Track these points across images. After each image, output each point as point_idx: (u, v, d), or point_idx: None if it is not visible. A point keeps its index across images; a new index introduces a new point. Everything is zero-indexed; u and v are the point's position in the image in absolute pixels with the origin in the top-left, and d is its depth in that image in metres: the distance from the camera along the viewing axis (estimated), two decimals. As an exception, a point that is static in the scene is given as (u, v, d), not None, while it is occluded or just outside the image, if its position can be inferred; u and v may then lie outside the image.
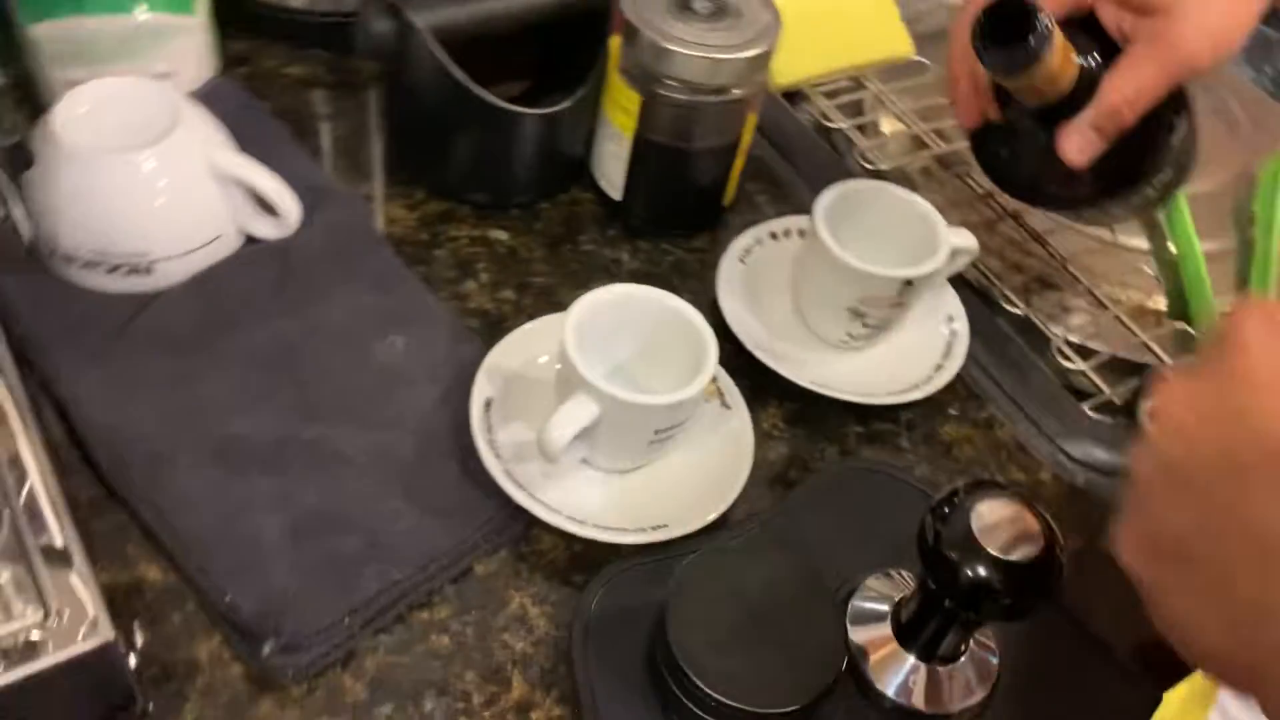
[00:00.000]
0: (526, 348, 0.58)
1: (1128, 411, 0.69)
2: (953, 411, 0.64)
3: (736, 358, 0.61)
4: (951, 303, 0.67)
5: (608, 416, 0.50)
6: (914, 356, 0.64)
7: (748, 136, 0.66)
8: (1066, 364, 0.70)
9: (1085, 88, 0.55)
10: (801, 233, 0.69)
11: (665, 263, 0.68)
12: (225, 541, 0.50)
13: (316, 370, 0.57)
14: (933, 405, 0.64)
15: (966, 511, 0.45)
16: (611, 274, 0.67)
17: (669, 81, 0.61)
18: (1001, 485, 0.47)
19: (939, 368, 0.63)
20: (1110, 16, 0.55)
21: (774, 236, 0.68)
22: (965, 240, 0.62)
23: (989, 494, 0.46)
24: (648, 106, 0.63)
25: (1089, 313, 0.77)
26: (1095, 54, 0.56)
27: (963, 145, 0.83)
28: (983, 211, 0.82)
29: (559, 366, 0.53)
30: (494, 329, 0.62)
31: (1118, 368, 0.73)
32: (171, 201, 0.58)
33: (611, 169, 0.67)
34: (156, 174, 0.57)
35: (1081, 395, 0.68)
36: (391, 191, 0.69)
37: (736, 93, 0.62)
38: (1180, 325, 0.75)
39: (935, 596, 0.47)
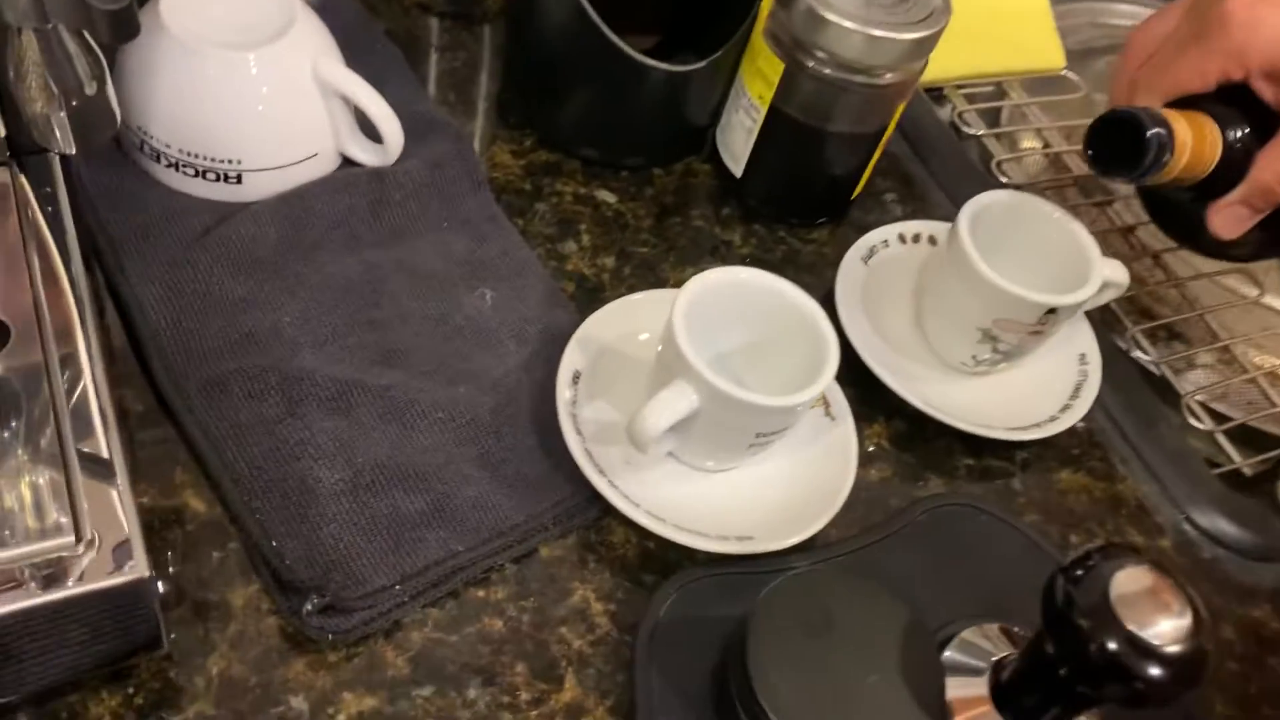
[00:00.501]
0: (626, 320, 0.53)
1: (1256, 486, 0.63)
2: (1072, 456, 0.58)
3: (846, 365, 0.55)
4: (1086, 339, 0.61)
5: (708, 411, 0.46)
6: (1040, 392, 0.58)
7: (891, 127, 0.61)
8: (1195, 424, 0.64)
9: (1239, 161, 0.53)
10: (933, 239, 0.63)
11: (779, 251, 0.63)
12: (278, 482, 0.46)
13: (397, 313, 0.53)
14: (1051, 447, 0.58)
15: (1104, 578, 0.40)
16: (720, 255, 0.62)
17: (818, 53, 0.56)
18: (1142, 553, 0.41)
19: (1066, 408, 0.57)
20: (1267, 90, 0.52)
21: (903, 240, 0.63)
22: (1117, 273, 0.56)
23: (1130, 561, 0.40)
24: (790, 77, 0.57)
25: (1218, 371, 0.71)
26: (1248, 127, 0.53)
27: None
28: (1117, 246, 0.76)
29: (660, 348, 0.48)
30: (589, 296, 0.58)
31: (1249, 437, 0.67)
32: (272, 109, 0.54)
33: (737, 141, 0.62)
34: (261, 78, 0.53)
35: (1208, 463, 0.62)
36: (499, 134, 0.64)
37: (889, 77, 0.57)
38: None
39: (1050, 663, 0.42)
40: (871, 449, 0.56)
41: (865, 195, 0.66)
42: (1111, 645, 0.38)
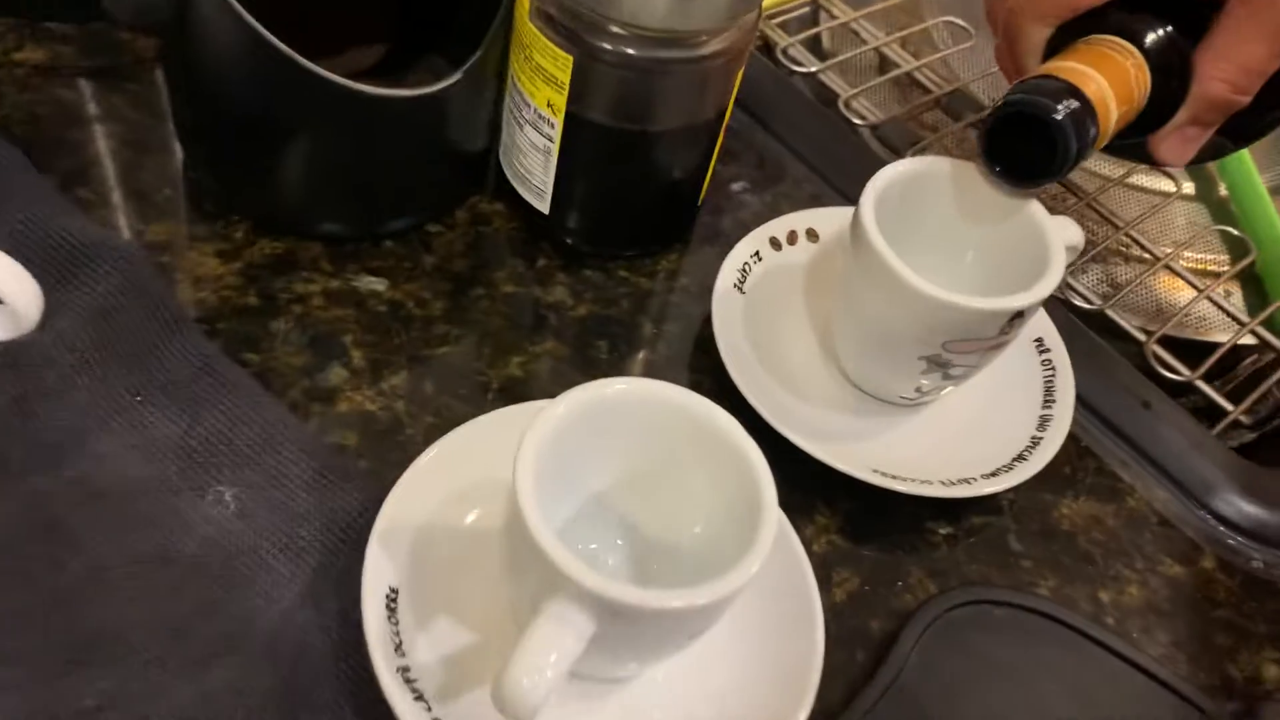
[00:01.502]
0: (447, 479, 0.36)
1: (1272, 444, 0.51)
2: (1065, 477, 0.45)
3: (761, 443, 0.40)
4: (1038, 320, 0.47)
5: (612, 631, 0.29)
6: (1007, 407, 0.44)
7: (730, 108, 0.45)
8: (1170, 375, 0.52)
9: (1177, 72, 0.44)
10: (812, 233, 0.48)
11: (624, 299, 0.47)
12: None
13: (91, 569, 0.34)
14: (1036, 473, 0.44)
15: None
16: (549, 326, 0.45)
17: (614, 29, 0.39)
18: None
19: (1045, 421, 0.43)
20: None
21: (776, 245, 0.47)
22: (1073, 234, 0.42)
23: None
24: (583, 71, 0.40)
25: (1160, 292, 0.60)
26: (1170, 27, 0.43)
27: (970, 80, 0.64)
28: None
29: (506, 526, 0.31)
30: (382, 444, 0.40)
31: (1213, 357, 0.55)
32: None
33: (533, 167, 0.45)
34: None
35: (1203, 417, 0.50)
36: (196, 232, 0.45)
37: (715, 44, 0.41)
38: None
39: None
40: (826, 554, 0.40)
41: (709, 192, 0.50)
42: None
